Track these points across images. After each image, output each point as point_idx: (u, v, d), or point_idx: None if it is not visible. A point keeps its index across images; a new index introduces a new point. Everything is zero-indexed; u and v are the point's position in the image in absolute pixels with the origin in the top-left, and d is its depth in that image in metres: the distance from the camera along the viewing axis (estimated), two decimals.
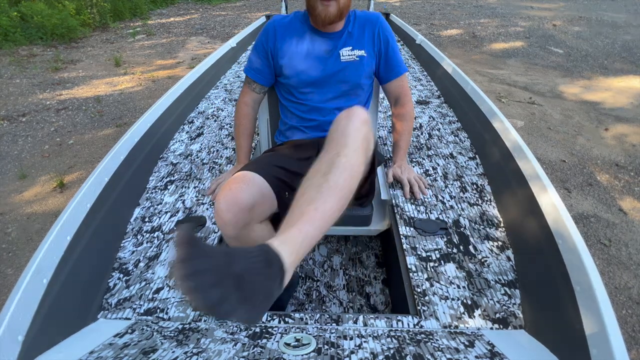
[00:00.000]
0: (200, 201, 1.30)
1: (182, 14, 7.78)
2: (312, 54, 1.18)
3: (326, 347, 0.76)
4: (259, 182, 0.99)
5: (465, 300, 0.94)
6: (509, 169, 1.22)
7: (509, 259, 1.05)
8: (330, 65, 1.18)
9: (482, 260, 1.05)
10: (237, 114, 1.31)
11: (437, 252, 1.09)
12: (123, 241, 1.15)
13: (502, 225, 1.17)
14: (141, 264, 1.07)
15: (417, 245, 1.11)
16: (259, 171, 1.01)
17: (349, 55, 1.18)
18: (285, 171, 1.10)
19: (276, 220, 1.11)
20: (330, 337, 0.80)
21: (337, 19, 1.10)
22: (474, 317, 0.90)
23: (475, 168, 1.43)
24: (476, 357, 0.74)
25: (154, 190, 1.35)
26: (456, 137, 1.65)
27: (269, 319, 0.91)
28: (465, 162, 1.47)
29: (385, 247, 1.53)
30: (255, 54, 1.23)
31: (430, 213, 1.22)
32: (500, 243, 1.11)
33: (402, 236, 1.14)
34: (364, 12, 1.22)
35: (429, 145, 1.59)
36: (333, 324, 0.88)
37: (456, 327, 0.88)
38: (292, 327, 0.86)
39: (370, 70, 1.23)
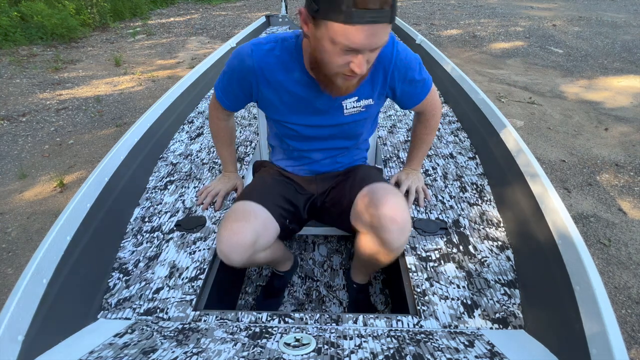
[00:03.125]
0: None
1: (182, 14, 7.78)
2: (306, 106, 0.96)
3: (326, 347, 0.76)
4: (261, 214, 0.95)
5: (465, 300, 0.94)
6: (509, 169, 1.22)
7: (508, 258, 1.05)
8: (331, 120, 0.99)
9: (482, 260, 1.05)
10: (212, 127, 1.17)
11: (436, 252, 1.09)
12: (123, 241, 1.15)
13: (501, 225, 1.17)
14: (141, 264, 1.07)
15: (417, 245, 1.11)
16: (261, 201, 0.98)
17: (353, 107, 0.97)
18: (287, 201, 1.08)
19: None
20: (330, 337, 0.80)
21: (356, 87, 0.88)
22: (474, 317, 0.90)
23: (475, 168, 1.43)
24: (476, 357, 0.74)
25: (153, 190, 1.35)
26: (456, 137, 1.65)
27: (268, 319, 0.91)
28: (465, 162, 1.47)
29: None
30: (227, 83, 0.99)
31: (430, 213, 1.22)
32: (500, 243, 1.11)
33: None
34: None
35: None
36: (333, 324, 0.88)
37: (456, 327, 0.88)
38: (292, 327, 0.86)
39: (377, 113, 1.08)
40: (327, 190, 1.15)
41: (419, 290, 0.97)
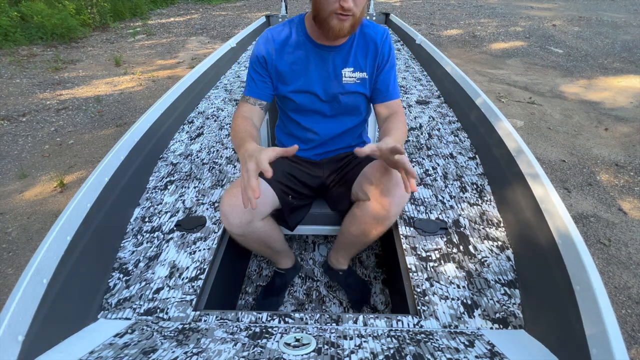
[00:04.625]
0: (200, 201, 1.30)
1: (182, 14, 7.78)
2: (313, 73, 1.08)
3: (326, 347, 0.76)
4: (260, 185, 1.02)
5: (465, 300, 0.94)
6: (509, 169, 1.22)
7: (508, 258, 1.05)
8: (332, 87, 1.09)
9: (482, 260, 1.05)
10: (236, 123, 1.05)
11: (437, 252, 1.09)
12: (123, 241, 1.15)
13: (502, 225, 1.17)
14: (141, 264, 1.07)
15: (417, 245, 1.11)
16: (262, 176, 1.06)
17: (350, 77, 1.08)
18: (292, 177, 1.16)
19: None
20: (330, 337, 0.80)
21: (350, 33, 0.99)
22: (474, 317, 0.90)
23: (475, 168, 1.43)
24: (476, 357, 0.74)
25: (154, 190, 1.36)
26: (456, 137, 1.65)
27: (269, 319, 0.91)
28: (465, 162, 1.47)
29: (385, 247, 1.53)
30: (253, 70, 1.10)
31: (430, 213, 1.22)
32: (500, 243, 1.11)
33: (402, 236, 1.14)
34: (371, 26, 1.09)
35: (428, 145, 1.59)
36: (333, 324, 0.88)
37: (456, 327, 0.88)
38: (292, 327, 0.86)
39: (370, 92, 1.14)
40: (332, 172, 1.22)
41: (419, 290, 0.97)
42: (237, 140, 0.99)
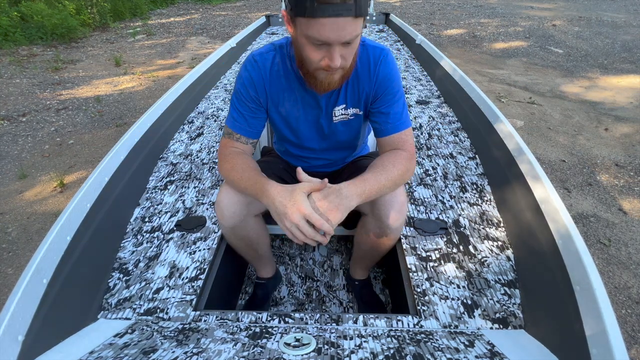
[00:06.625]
0: (200, 201, 1.30)
1: (182, 14, 7.78)
2: (301, 114, 0.99)
3: (326, 347, 0.76)
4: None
5: (465, 300, 0.94)
6: (509, 168, 1.22)
7: (509, 259, 1.05)
8: (323, 127, 1.02)
9: (482, 260, 1.05)
10: (233, 162, 0.94)
11: (437, 252, 1.09)
12: (123, 241, 1.15)
13: (502, 225, 1.17)
14: (141, 264, 1.07)
15: (417, 245, 1.11)
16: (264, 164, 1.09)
17: (342, 114, 0.99)
18: (291, 177, 1.15)
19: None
20: (330, 337, 0.80)
21: (342, 83, 0.89)
22: (474, 317, 0.90)
23: (475, 168, 1.43)
24: (476, 357, 0.74)
25: (154, 190, 1.36)
26: (456, 137, 1.65)
27: (269, 319, 0.91)
28: (465, 162, 1.47)
29: None
30: (240, 105, 0.96)
31: (430, 213, 1.22)
32: (500, 243, 1.11)
33: (402, 236, 1.14)
34: (366, 55, 0.92)
35: (428, 145, 1.59)
36: (333, 324, 0.88)
37: (456, 327, 0.88)
38: (292, 327, 0.86)
39: (366, 122, 1.07)
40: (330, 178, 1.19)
41: (419, 290, 0.97)
42: (248, 182, 0.89)
